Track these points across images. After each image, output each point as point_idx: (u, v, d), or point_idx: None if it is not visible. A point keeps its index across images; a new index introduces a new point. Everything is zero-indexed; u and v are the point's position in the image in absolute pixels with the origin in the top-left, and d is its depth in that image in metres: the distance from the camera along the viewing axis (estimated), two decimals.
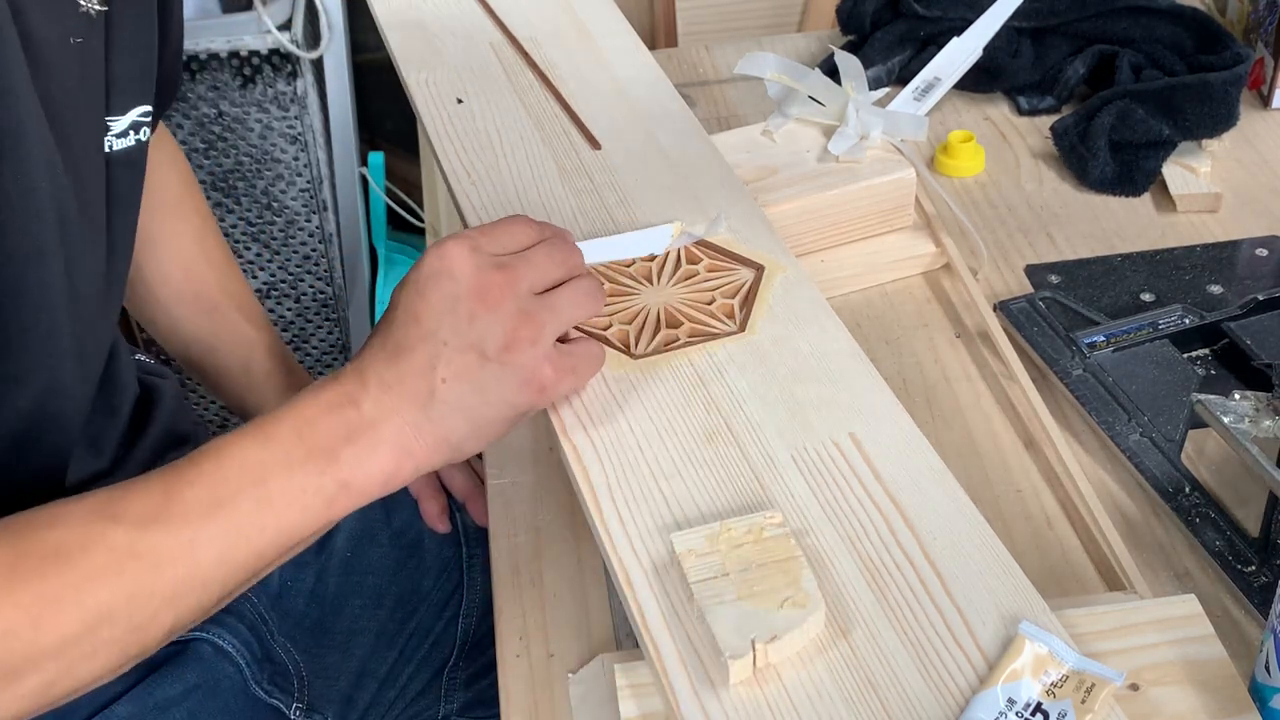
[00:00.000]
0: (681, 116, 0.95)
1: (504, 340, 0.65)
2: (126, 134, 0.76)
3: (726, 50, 1.29)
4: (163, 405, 0.90)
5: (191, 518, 0.60)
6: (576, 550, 0.79)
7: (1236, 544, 0.75)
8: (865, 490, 0.67)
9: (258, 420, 0.64)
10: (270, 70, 1.75)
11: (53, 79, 0.67)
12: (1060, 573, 0.76)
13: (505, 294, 0.66)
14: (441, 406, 0.65)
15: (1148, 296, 0.93)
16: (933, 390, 0.88)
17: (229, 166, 1.82)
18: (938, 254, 0.97)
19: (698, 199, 0.86)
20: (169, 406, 0.91)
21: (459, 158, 0.91)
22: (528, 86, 0.98)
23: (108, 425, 0.84)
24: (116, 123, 0.75)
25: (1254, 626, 0.72)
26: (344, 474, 0.63)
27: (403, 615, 0.96)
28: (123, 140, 0.76)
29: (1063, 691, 0.58)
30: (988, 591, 0.62)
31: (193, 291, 1.00)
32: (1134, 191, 1.05)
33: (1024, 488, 0.81)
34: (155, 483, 0.61)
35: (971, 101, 1.18)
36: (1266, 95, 1.14)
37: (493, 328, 0.65)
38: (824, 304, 0.78)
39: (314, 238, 1.90)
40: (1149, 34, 1.15)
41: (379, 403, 0.64)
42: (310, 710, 0.92)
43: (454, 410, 0.65)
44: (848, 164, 0.96)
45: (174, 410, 0.92)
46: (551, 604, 0.76)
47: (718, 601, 0.60)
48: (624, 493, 0.67)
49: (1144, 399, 0.84)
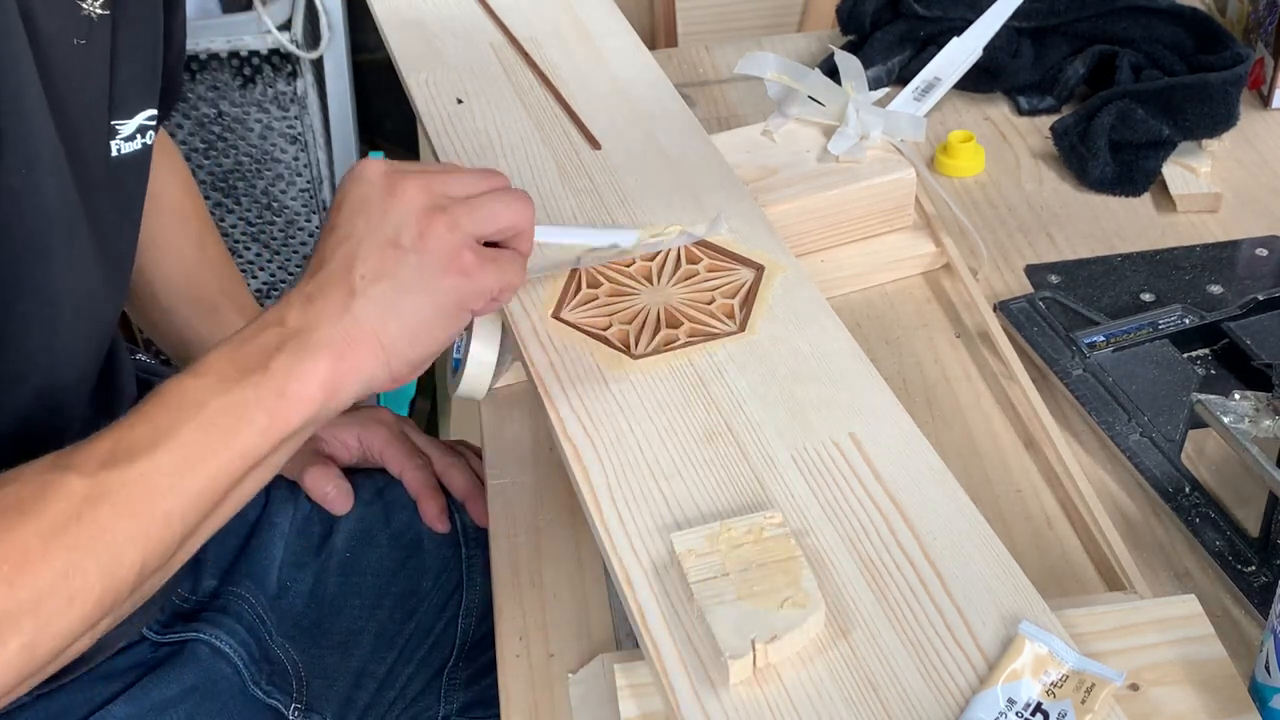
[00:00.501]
0: (681, 116, 0.95)
1: (418, 229, 0.66)
2: (134, 137, 0.76)
3: (726, 50, 1.29)
4: None
5: (138, 453, 0.60)
6: (576, 550, 0.79)
7: (1236, 544, 0.75)
8: (865, 490, 0.67)
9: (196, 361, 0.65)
10: (270, 70, 1.75)
11: (59, 79, 0.67)
12: (1060, 573, 0.75)
13: (415, 187, 0.67)
14: (365, 303, 0.65)
15: (1148, 296, 0.93)
16: (933, 390, 0.88)
17: (229, 166, 1.82)
18: (938, 254, 0.97)
19: (698, 199, 0.86)
20: None
21: (459, 158, 0.91)
22: (528, 86, 0.98)
23: (106, 424, 0.84)
24: (124, 126, 0.75)
25: (1254, 626, 0.72)
26: (278, 382, 0.63)
27: (402, 616, 0.96)
28: (130, 144, 0.76)
29: (1063, 691, 0.58)
30: (988, 591, 0.62)
31: (193, 294, 1.00)
32: (1134, 191, 1.05)
33: (1024, 488, 0.81)
34: (103, 433, 0.62)
35: (971, 101, 1.18)
36: (1266, 95, 1.14)
37: (406, 218, 0.66)
38: (824, 304, 0.78)
39: (314, 238, 1.90)
40: (1149, 34, 1.15)
41: (304, 313, 0.65)
42: (309, 711, 0.92)
43: (379, 306, 0.65)
44: (848, 164, 0.96)
45: None
46: (551, 604, 0.76)
47: (718, 601, 0.60)
48: (624, 493, 0.67)
49: (1144, 399, 0.84)
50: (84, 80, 0.70)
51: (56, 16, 0.67)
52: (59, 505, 0.58)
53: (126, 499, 0.60)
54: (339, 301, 0.65)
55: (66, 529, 0.58)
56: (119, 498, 0.60)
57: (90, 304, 0.74)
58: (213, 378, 0.63)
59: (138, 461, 0.60)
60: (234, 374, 0.63)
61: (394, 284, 0.65)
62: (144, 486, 0.60)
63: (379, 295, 0.65)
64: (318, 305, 0.65)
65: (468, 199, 0.68)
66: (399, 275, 0.65)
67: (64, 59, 0.68)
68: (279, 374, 0.63)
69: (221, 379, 0.63)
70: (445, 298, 0.67)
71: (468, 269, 0.66)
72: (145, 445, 0.61)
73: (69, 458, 0.61)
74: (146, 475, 0.60)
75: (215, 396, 0.62)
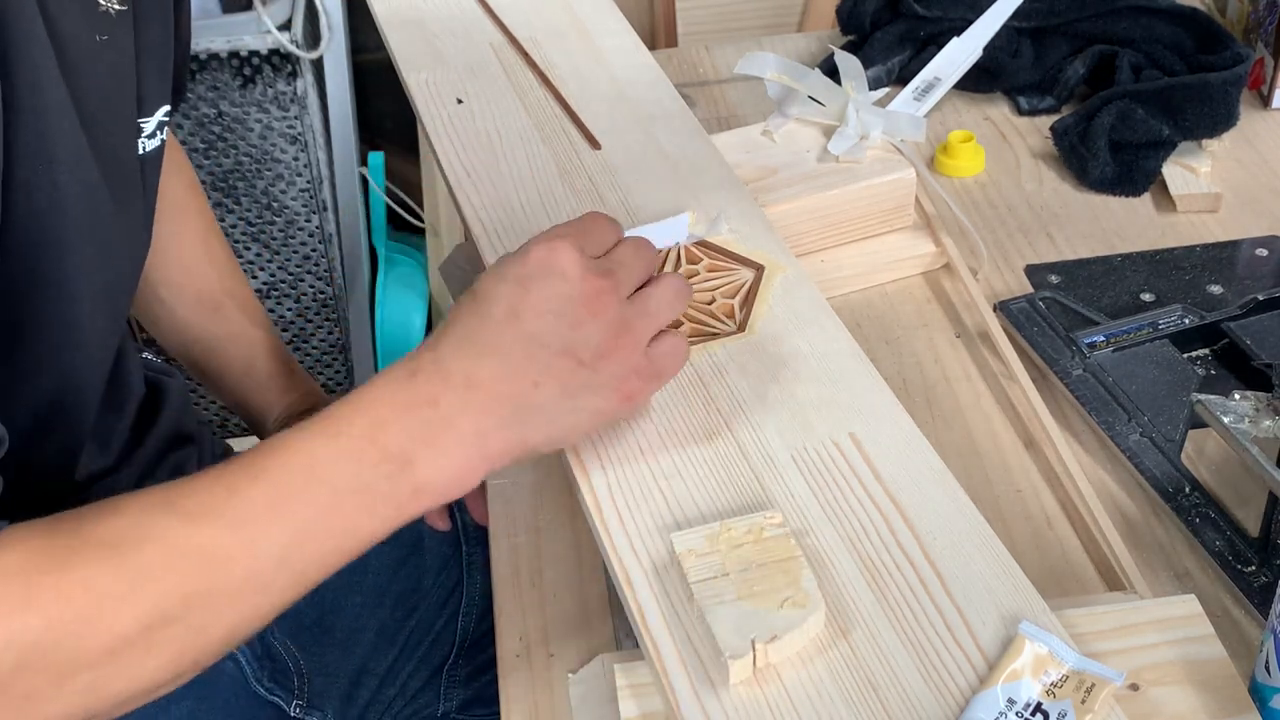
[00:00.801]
0: (681, 116, 0.95)
1: (603, 348, 0.63)
2: (154, 135, 0.77)
3: (726, 50, 1.29)
4: (169, 404, 0.90)
5: (253, 515, 0.57)
6: (576, 550, 0.79)
7: (1236, 544, 0.75)
8: (865, 490, 0.67)
9: (324, 417, 0.60)
10: (270, 70, 1.75)
11: (81, 76, 0.67)
12: (1060, 573, 0.76)
13: (610, 300, 0.63)
14: (529, 410, 0.62)
15: (1148, 296, 0.93)
16: (933, 390, 0.88)
17: (229, 166, 1.82)
18: (938, 254, 0.97)
19: (698, 199, 0.86)
20: (175, 406, 0.91)
21: (459, 158, 0.91)
22: (528, 86, 0.98)
23: (114, 422, 0.84)
24: (148, 124, 0.76)
25: (1254, 626, 0.72)
26: (418, 478, 0.60)
27: (403, 613, 0.96)
28: (151, 141, 0.76)
29: (1063, 691, 0.58)
30: (988, 591, 0.62)
31: (195, 292, 1.00)
32: (1134, 191, 1.05)
33: (1024, 488, 0.81)
34: (215, 477, 0.58)
35: (971, 101, 1.18)
36: (1266, 95, 1.14)
37: (594, 335, 0.62)
38: (824, 304, 0.78)
39: (314, 238, 1.90)
40: (1149, 34, 1.15)
41: (462, 401, 0.61)
42: (310, 707, 0.92)
43: (540, 414, 0.62)
44: (848, 164, 0.96)
45: (180, 410, 0.92)
46: (551, 604, 0.76)
47: (718, 601, 0.60)
48: (624, 493, 0.67)
49: (1144, 399, 0.84)
50: (109, 77, 0.70)
51: (75, 13, 0.67)
52: (155, 552, 0.55)
53: (229, 561, 0.56)
54: (507, 402, 0.61)
55: (161, 578, 0.55)
56: (221, 557, 0.56)
57: (106, 300, 0.74)
58: (346, 452, 0.59)
59: (250, 525, 0.57)
60: (372, 455, 0.59)
61: (562, 394, 0.62)
62: (251, 553, 0.57)
63: (544, 403, 0.62)
64: (481, 395, 0.61)
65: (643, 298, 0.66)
66: (570, 387, 0.62)
67: (86, 56, 0.67)
68: (420, 470, 0.60)
69: (356, 457, 0.59)
70: (603, 418, 0.65)
71: (632, 394, 0.65)
72: (260, 509, 0.57)
73: (174, 497, 0.57)
74: (255, 542, 0.57)
75: (346, 477, 0.58)
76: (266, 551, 0.57)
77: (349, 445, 0.59)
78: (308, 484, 0.58)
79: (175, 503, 0.57)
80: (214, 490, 0.57)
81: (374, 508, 0.59)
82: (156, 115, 0.76)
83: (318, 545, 0.59)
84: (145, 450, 0.86)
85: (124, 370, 0.84)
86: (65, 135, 0.65)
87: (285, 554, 0.58)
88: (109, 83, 0.70)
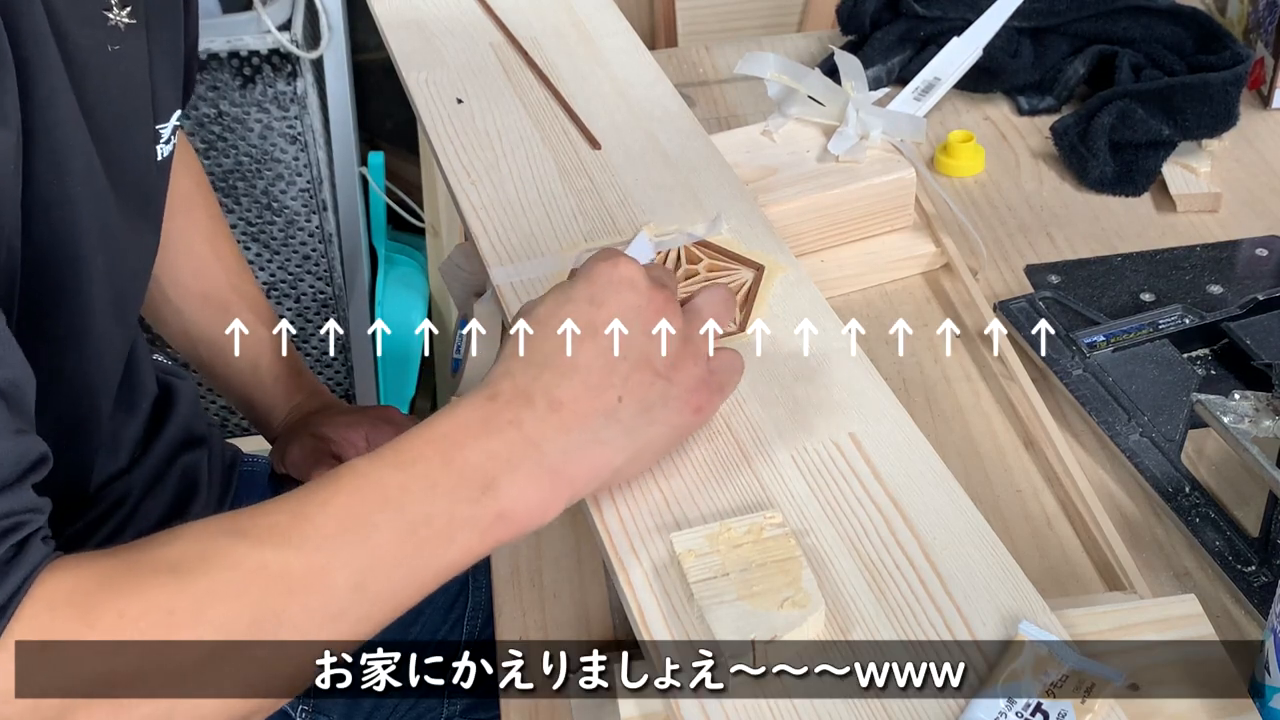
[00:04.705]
0: (681, 116, 0.95)
1: (674, 357, 0.62)
2: (169, 141, 0.77)
3: (726, 50, 1.29)
4: (180, 406, 0.90)
5: (321, 540, 0.54)
6: (576, 550, 0.79)
7: (1236, 544, 0.75)
8: (865, 490, 0.67)
9: (396, 444, 0.58)
10: (270, 70, 1.75)
11: (92, 87, 0.67)
12: (1060, 573, 0.75)
13: (675, 309, 0.63)
14: (614, 427, 0.60)
15: (1148, 296, 0.93)
16: (933, 390, 0.88)
17: (229, 166, 1.82)
18: (938, 254, 0.97)
19: (698, 199, 0.86)
20: (186, 407, 0.91)
21: (459, 157, 0.91)
22: (528, 86, 0.98)
23: (127, 423, 0.84)
24: (164, 129, 0.76)
25: (1254, 626, 0.72)
26: (503, 504, 0.57)
27: (409, 617, 0.96)
28: (167, 147, 0.77)
29: (1063, 691, 0.58)
30: (987, 591, 0.62)
31: (203, 291, 1.00)
32: (1134, 191, 1.05)
33: (1024, 488, 0.81)
34: (281, 503, 0.56)
35: (971, 101, 1.18)
36: (1266, 95, 1.14)
37: (665, 343, 0.62)
38: (824, 304, 0.78)
39: (314, 238, 1.90)
40: (1149, 34, 1.15)
41: (546, 422, 0.58)
42: (316, 711, 0.92)
43: (624, 432, 0.61)
44: (848, 164, 0.96)
45: (191, 411, 0.92)
46: (551, 604, 0.76)
47: (718, 601, 0.60)
48: (624, 493, 0.67)
49: (1144, 399, 0.84)
50: (123, 88, 0.70)
51: (85, 27, 0.67)
52: (221, 575, 0.52)
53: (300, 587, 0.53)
54: (593, 419, 0.59)
55: (226, 601, 0.52)
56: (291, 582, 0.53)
57: (118, 307, 0.74)
58: (419, 478, 0.56)
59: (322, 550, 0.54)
60: (449, 481, 0.56)
61: (642, 409, 0.61)
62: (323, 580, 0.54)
63: (627, 420, 0.61)
64: (566, 414, 0.59)
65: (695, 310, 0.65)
66: (648, 401, 0.61)
67: (98, 67, 0.67)
68: (505, 495, 0.57)
69: (431, 483, 0.56)
70: (676, 434, 0.64)
71: (701, 406, 0.64)
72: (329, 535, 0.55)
73: (241, 521, 0.55)
74: (328, 569, 0.54)
75: (419, 503, 0.56)
76: (337, 578, 0.54)
77: (423, 470, 0.57)
78: (378, 510, 0.56)
79: (239, 527, 0.54)
80: (280, 514, 0.55)
81: (453, 534, 0.57)
82: (171, 121, 0.77)
83: (389, 574, 0.56)
84: (156, 452, 0.87)
85: (137, 371, 0.84)
86: (77, 148, 0.66)
87: (359, 580, 0.55)
88: (123, 93, 0.70)
